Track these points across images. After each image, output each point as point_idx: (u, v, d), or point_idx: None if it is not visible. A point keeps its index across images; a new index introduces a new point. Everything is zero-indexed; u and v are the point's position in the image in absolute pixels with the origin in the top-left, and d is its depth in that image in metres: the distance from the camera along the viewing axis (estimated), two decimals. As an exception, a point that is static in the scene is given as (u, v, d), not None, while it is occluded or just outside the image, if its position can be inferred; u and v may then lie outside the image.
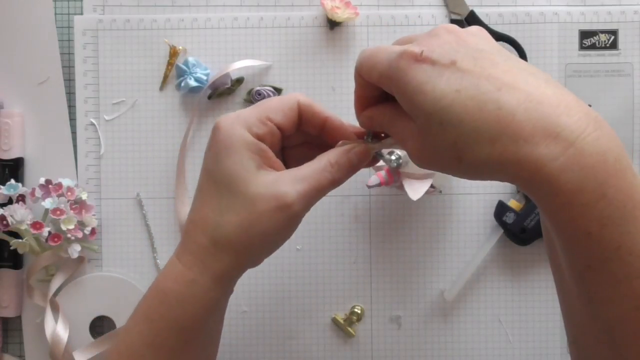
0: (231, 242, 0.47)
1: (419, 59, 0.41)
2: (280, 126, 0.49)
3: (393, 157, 0.56)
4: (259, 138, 0.48)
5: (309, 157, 0.50)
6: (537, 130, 0.38)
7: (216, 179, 0.48)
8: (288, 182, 0.47)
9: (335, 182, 0.49)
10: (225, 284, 0.49)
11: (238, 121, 0.48)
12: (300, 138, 0.52)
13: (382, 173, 0.60)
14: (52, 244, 0.61)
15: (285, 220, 0.47)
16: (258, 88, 0.64)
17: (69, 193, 0.62)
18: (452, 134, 0.40)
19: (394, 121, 0.45)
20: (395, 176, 0.60)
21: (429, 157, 0.42)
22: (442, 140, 0.40)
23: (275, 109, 0.49)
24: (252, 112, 0.49)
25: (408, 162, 0.58)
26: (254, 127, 0.48)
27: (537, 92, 0.39)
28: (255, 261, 0.50)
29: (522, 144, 0.38)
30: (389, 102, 0.46)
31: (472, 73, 0.40)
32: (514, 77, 0.40)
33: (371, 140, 0.50)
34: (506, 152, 0.38)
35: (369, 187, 0.60)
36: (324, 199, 0.49)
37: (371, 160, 0.51)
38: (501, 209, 0.63)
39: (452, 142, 0.40)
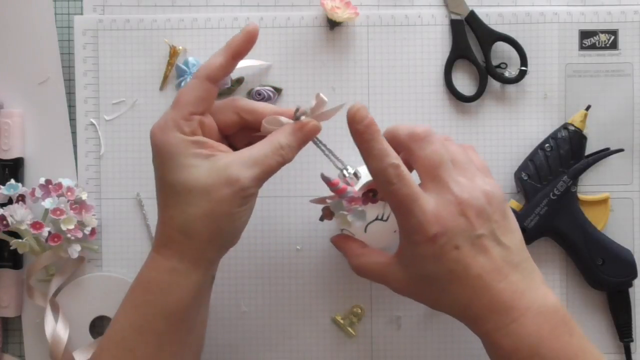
0: (200, 231, 0.50)
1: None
2: (205, 112, 0.52)
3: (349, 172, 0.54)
4: (193, 133, 0.51)
5: (250, 141, 0.54)
6: (491, 310, 0.50)
7: (170, 184, 0.51)
8: (239, 165, 0.50)
9: (286, 162, 0.52)
10: (204, 268, 0.52)
11: (168, 126, 0.51)
12: (236, 125, 0.55)
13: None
14: (52, 244, 0.61)
15: (242, 199, 0.50)
16: (258, 88, 0.64)
17: (69, 193, 0.62)
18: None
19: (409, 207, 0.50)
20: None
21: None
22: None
23: (193, 101, 0.52)
24: (176, 114, 0.51)
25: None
26: (184, 127, 0.51)
27: (505, 287, 0.50)
28: (230, 241, 0.53)
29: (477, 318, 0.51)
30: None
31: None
32: (497, 269, 0.51)
33: (299, 117, 0.53)
34: (464, 318, 0.52)
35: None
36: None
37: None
38: (501, 209, 0.63)
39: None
